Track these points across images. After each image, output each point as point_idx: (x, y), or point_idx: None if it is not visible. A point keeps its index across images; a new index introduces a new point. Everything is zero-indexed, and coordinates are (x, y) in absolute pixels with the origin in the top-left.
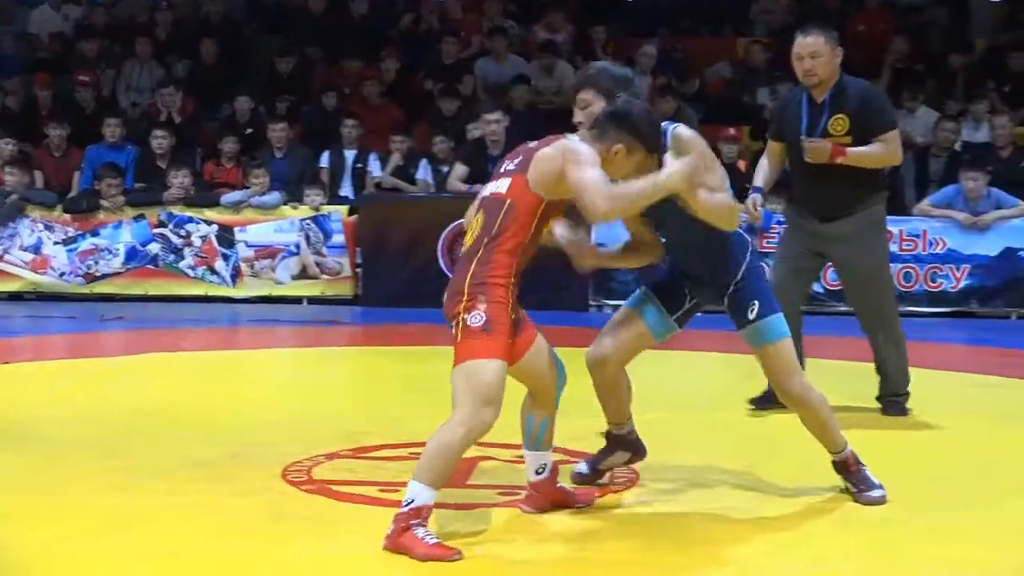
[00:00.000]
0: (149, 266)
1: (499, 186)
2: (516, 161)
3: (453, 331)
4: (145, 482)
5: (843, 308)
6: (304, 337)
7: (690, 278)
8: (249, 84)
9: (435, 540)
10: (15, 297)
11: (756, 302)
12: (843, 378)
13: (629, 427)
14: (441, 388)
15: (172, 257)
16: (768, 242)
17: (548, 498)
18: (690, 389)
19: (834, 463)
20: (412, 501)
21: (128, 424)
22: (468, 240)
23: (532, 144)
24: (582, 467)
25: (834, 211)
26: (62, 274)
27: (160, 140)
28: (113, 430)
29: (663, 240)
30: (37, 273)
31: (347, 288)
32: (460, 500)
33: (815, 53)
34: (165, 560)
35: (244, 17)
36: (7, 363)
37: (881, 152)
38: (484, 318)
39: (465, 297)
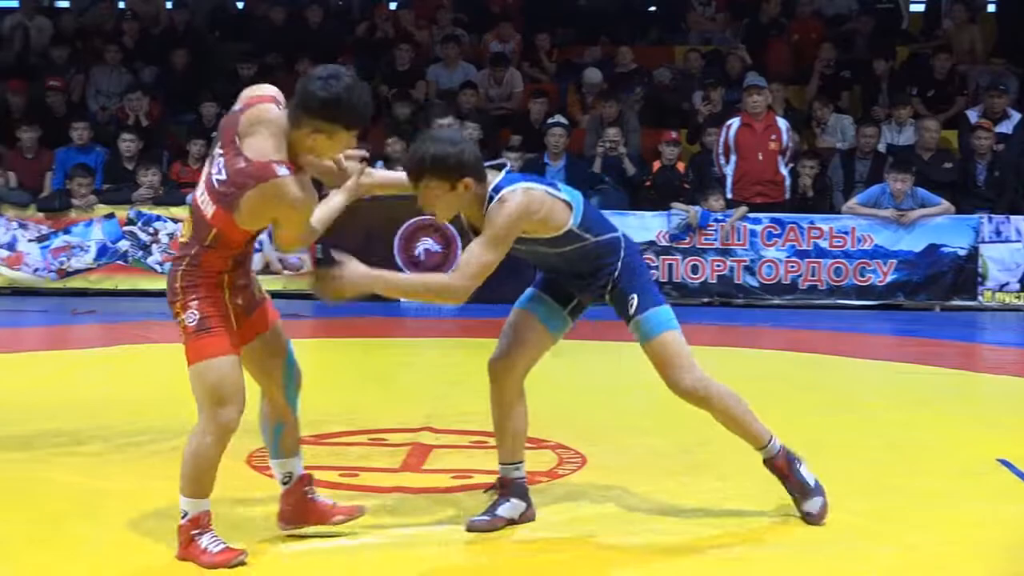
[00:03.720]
0: (119, 262)
1: (206, 203)
2: (223, 181)
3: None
4: (114, 468)
5: (777, 301)
6: None
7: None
8: (213, 89)
9: (221, 546)
10: None
11: (634, 295)
12: (780, 366)
13: (521, 472)
14: (396, 377)
15: (141, 253)
16: (705, 239)
17: (297, 511)
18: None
19: (764, 462)
20: (186, 514)
21: (98, 413)
22: (184, 234)
23: (240, 163)
24: (479, 520)
25: None
26: (36, 270)
27: (128, 143)
28: (84, 419)
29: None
30: (12, 269)
31: (307, 283)
32: (418, 484)
33: None
34: (132, 546)
35: (208, 25)
36: None
37: None
38: (197, 316)
39: (179, 297)
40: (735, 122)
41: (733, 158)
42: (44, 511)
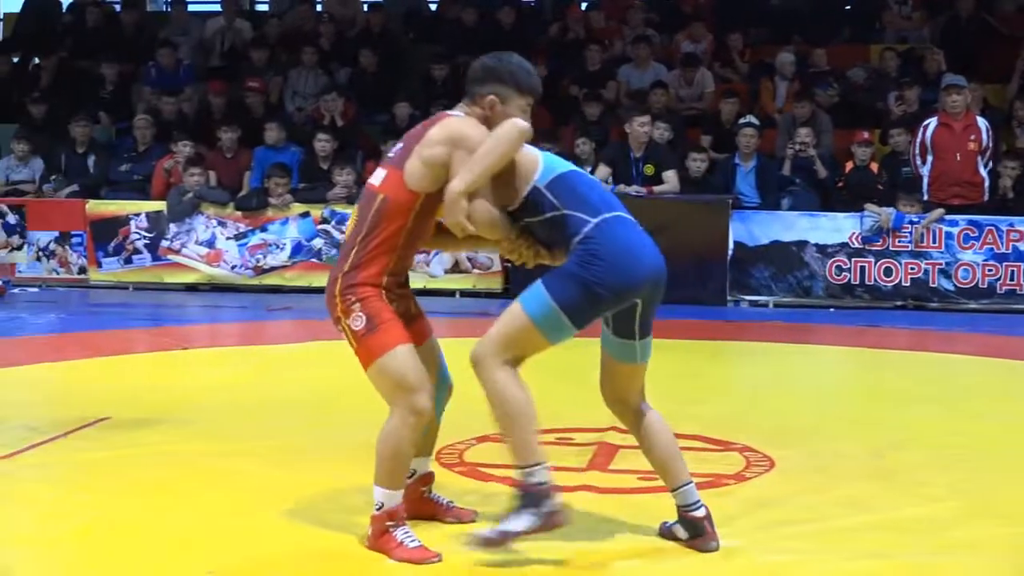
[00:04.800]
0: (313, 260)
1: (376, 176)
2: (397, 149)
3: (341, 333)
4: (304, 463)
5: (973, 305)
6: (456, 328)
7: None
8: (407, 90)
9: (416, 543)
10: (191, 288)
11: (555, 272)
12: (983, 372)
13: (685, 499)
14: (583, 376)
15: (334, 252)
16: (899, 241)
17: (411, 505)
18: (814, 381)
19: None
20: (381, 505)
21: (292, 407)
22: (346, 231)
23: (418, 128)
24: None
25: None
26: (234, 267)
27: (323, 143)
28: (278, 413)
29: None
30: (211, 266)
31: (497, 282)
32: (604, 484)
33: None
34: (322, 537)
35: (402, 27)
36: (185, 349)
37: None
38: (364, 318)
39: (339, 301)
40: (932, 122)
41: (929, 158)
42: (239, 503)
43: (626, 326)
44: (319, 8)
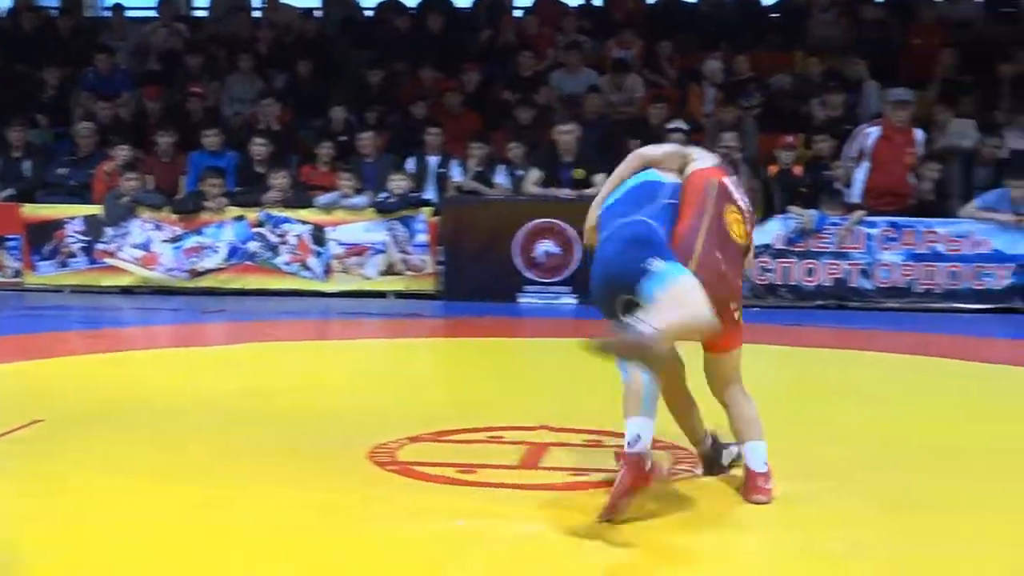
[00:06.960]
0: (248, 262)
1: None
2: None
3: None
4: (240, 461)
5: (891, 304)
6: (389, 329)
7: None
8: (342, 95)
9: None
10: (127, 291)
11: None
12: (895, 369)
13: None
14: (514, 375)
15: (269, 254)
16: (821, 242)
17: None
18: None
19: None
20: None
21: (226, 409)
22: None
23: None
24: None
25: None
26: (169, 270)
27: (259, 147)
28: (213, 414)
29: None
30: (146, 269)
31: (430, 284)
32: (536, 481)
33: None
34: (260, 533)
35: (337, 34)
36: (120, 351)
37: None
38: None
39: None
40: (874, 132)
41: (866, 164)
42: (185, 501)
43: None
44: (257, 15)
